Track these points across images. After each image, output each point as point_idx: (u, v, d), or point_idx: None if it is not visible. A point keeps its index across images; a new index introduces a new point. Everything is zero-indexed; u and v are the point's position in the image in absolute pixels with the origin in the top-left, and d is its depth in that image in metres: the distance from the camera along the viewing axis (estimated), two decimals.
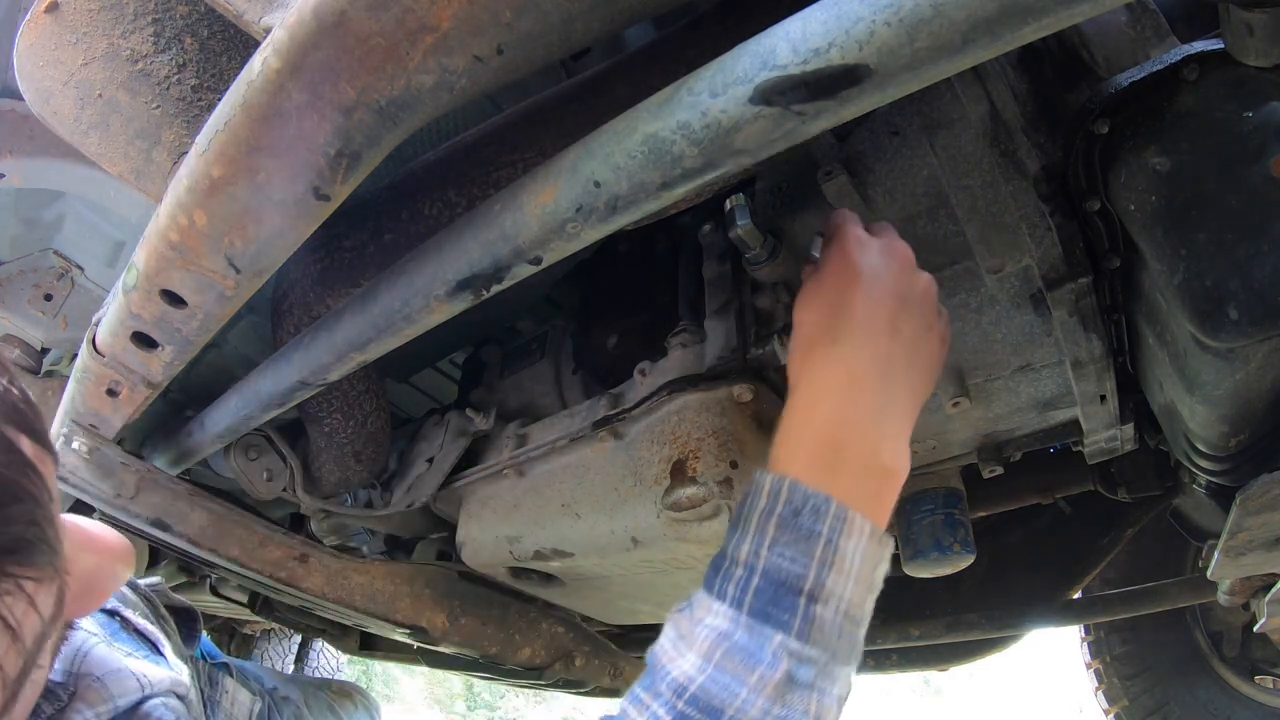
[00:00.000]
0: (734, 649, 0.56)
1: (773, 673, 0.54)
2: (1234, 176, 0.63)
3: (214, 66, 0.75)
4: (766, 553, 0.58)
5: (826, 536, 0.57)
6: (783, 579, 0.57)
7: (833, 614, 0.57)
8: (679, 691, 0.56)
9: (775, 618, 0.56)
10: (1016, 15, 0.37)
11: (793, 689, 0.55)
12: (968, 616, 1.53)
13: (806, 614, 0.56)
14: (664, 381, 0.89)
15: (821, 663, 0.56)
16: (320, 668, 4.15)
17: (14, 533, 0.40)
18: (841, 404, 0.62)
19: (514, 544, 1.05)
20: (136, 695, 0.61)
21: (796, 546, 0.57)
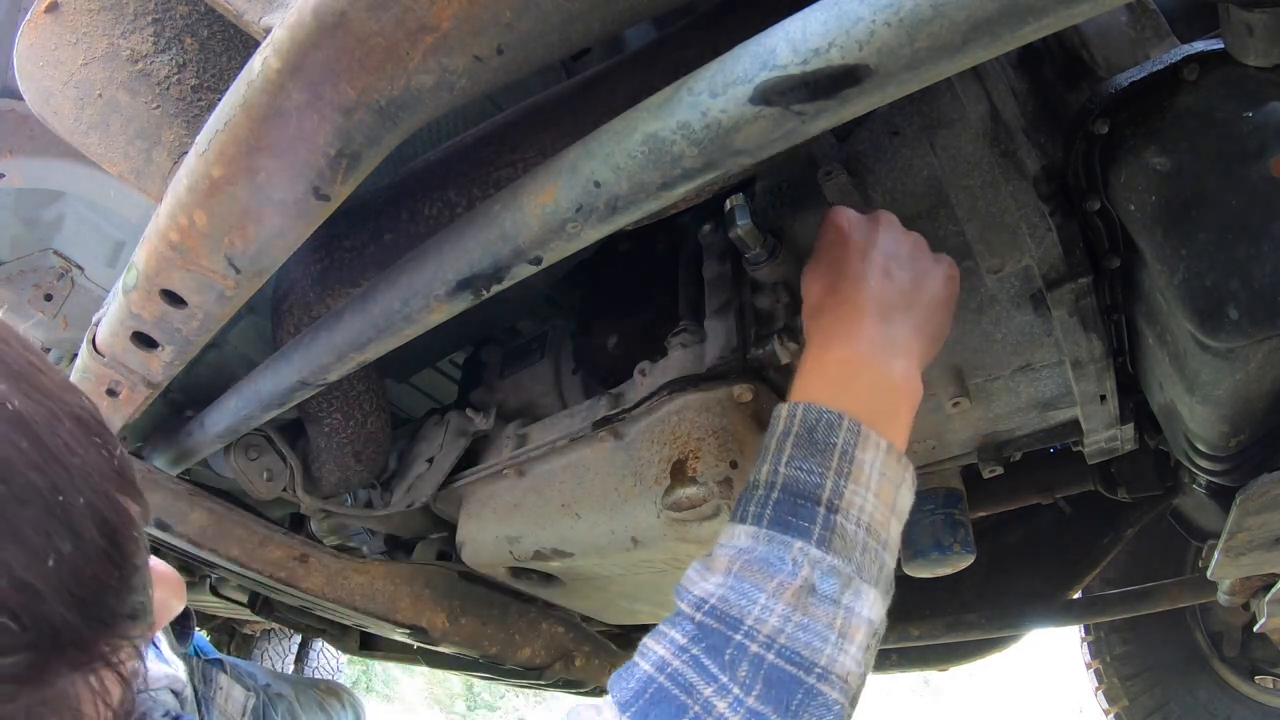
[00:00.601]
0: (754, 560, 0.55)
1: (793, 579, 0.53)
2: (1234, 176, 0.63)
3: (214, 66, 0.75)
4: (784, 469, 0.58)
5: (841, 448, 0.58)
6: (800, 489, 0.57)
7: (854, 526, 0.56)
8: (698, 605, 0.55)
9: (794, 526, 0.56)
10: (1016, 15, 0.37)
11: (815, 599, 0.53)
12: (968, 616, 1.53)
13: (826, 522, 0.56)
14: (664, 381, 0.89)
15: (845, 575, 0.55)
16: (320, 668, 4.15)
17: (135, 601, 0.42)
18: (849, 336, 0.64)
19: (514, 544, 1.05)
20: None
21: (813, 459, 0.58)
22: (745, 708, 0.50)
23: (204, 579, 1.77)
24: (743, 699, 0.50)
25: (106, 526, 0.40)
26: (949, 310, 0.72)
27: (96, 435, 0.42)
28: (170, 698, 0.66)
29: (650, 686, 0.53)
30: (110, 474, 0.42)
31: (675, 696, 0.51)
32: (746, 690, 0.51)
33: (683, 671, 0.52)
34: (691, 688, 0.51)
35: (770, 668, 0.51)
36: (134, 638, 0.42)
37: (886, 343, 0.64)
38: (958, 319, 0.85)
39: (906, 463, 0.61)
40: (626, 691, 0.54)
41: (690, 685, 0.52)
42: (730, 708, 0.50)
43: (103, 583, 0.39)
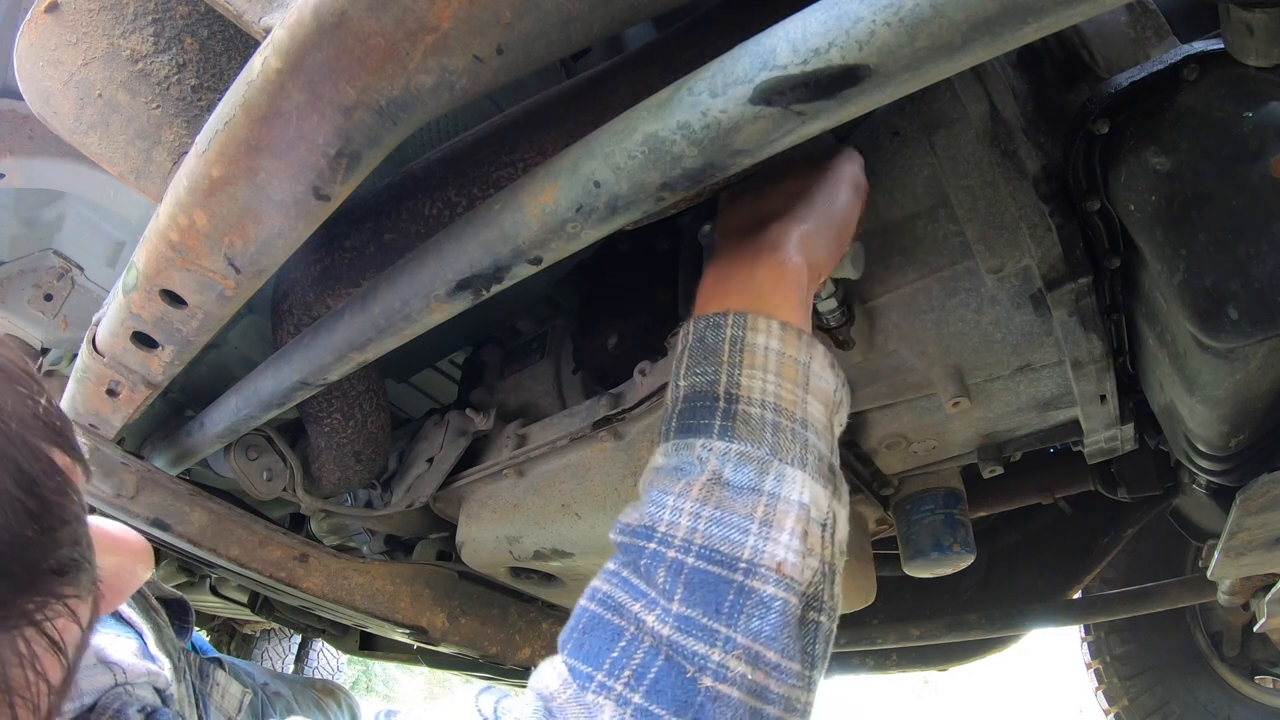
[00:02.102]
0: (663, 472, 0.53)
1: (699, 475, 0.50)
2: (1234, 176, 0.63)
3: (214, 66, 0.74)
4: (683, 382, 0.56)
5: (730, 339, 0.55)
6: (696, 392, 0.55)
7: (758, 409, 0.52)
8: (621, 530, 0.53)
9: (694, 427, 0.53)
10: (1016, 15, 0.37)
11: (727, 490, 0.50)
12: (968, 616, 1.53)
13: (727, 413, 0.52)
14: (664, 381, 0.89)
15: (759, 458, 0.51)
16: (320, 668, 4.15)
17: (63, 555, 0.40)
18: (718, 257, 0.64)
19: (514, 544, 1.05)
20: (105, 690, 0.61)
21: (704, 362, 0.55)
22: (673, 615, 0.47)
23: (204, 579, 1.78)
24: (668, 607, 0.47)
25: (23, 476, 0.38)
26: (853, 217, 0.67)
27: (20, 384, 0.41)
28: (150, 693, 0.65)
29: (584, 616, 0.51)
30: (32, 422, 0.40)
31: (607, 620, 0.49)
32: (669, 597, 0.47)
33: (610, 593, 0.50)
34: (621, 607, 0.49)
35: (691, 571, 0.48)
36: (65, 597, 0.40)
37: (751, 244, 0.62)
38: (958, 319, 0.85)
39: (811, 341, 0.57)
40: (565, 630, 0.51)
41: (619, 605, 0.49)
42: (659, 619, 0.47)
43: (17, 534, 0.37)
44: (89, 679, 0.59)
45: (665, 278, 1.08)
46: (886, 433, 1.01)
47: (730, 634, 0.46)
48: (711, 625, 0.46)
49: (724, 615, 0.46)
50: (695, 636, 0.46)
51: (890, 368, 0.91)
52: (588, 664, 0.48)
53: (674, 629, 0.46)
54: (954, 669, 1.77)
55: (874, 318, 0.87)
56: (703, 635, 0.46)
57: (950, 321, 0.85)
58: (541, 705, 0.48)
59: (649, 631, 0.47)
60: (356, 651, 1.99)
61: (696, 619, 0.46)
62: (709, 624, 0.46)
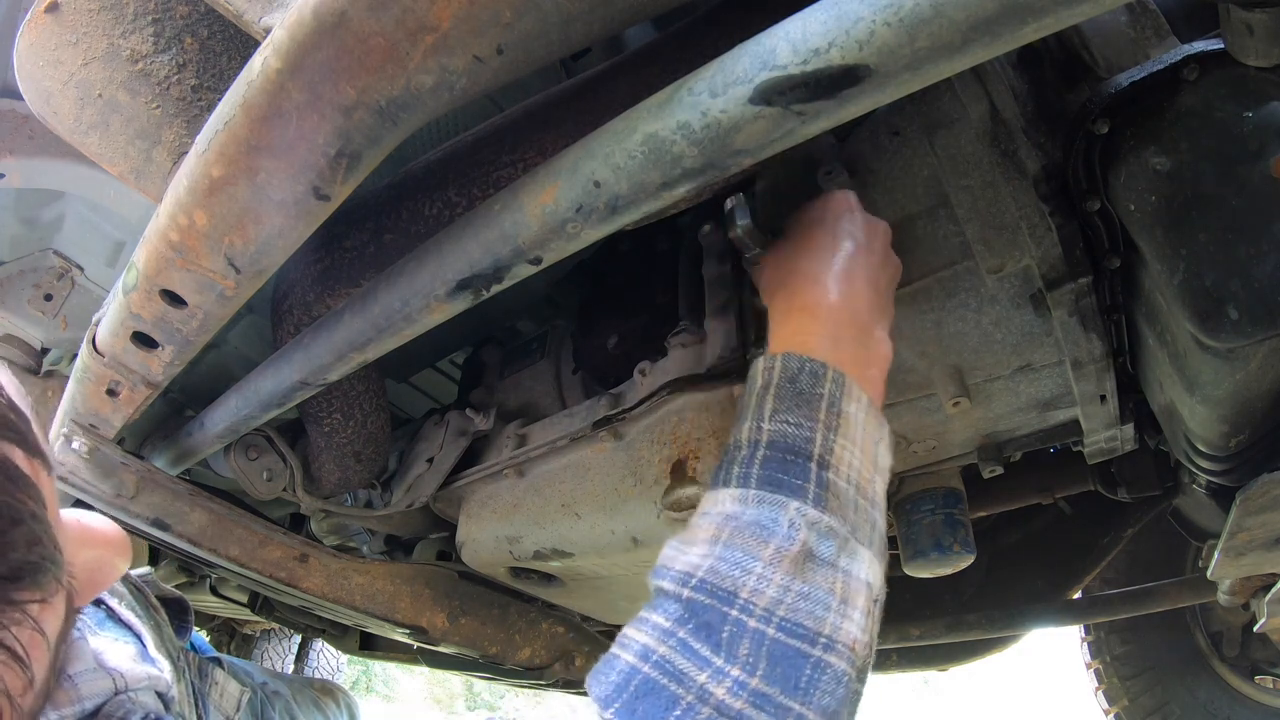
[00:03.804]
0: (744, 525, 0.50)
1: (790, 545, 0.48)
2: (1234, 176, 0.63)
3: (214, 66, 0.75)
4: (769, 424, 0.54)
5: (828, 399, 0.54)
6: (790, 444, 0.52)
7: (845, 483, 0.52)
8: (683, 580, 0.49)
9: (786, 484, 0.50)
10: (1016, 15, 0.37)
11: (814, 564, 0.48)
12: (968, 616, 1.53)
13: (820, 479, 0.51)
14: (664, 381, 0.89)
15: (842, 536, 0.50)
16: (320, 668, 4.15)
17: (15, 559, 0.38)
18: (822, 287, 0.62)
19: (514, 544, 1.05)
20: (108, 695, 0.60)
21: (799, 411, 0.53)
22: (749, 690, 0.45)
23: (204, 579, 1.78)
24: (745, 681, 0.45)
25: None
26: (893, 296, 0.71)
27: None
28: (152, 699, 0.65)
29: (634, 678, 0.47)
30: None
31: (664, 686, 0.46)
32: (750, 671, 0.45)
33: (670, 658, 0.47)
34: (682, 675, 0.46)
35: (773, 643, 0.46)
36: (22, 603, 0.38)
37: (865, 300, 0.62)
38: (958, 319, 0.85)
39: (883, 420, 0.58)
40: (608, 687, 0.48)
41: (680, 673, 0.46)
42: (730, 693, 0.45)
43: None
44: (89, 683, 0.59)
45: (665, 278, 1.08)
46: None
47: (803, 711, 0.45)
48: (786, 702, 0.45)
49: (800, 691, 0.45)
50: (767, 712, 0.45)
51: (890, 368, 0.91)
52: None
53: (747, 703, 0.45)
54: (954, 669, 1.77)
55: None
56: (775, 711, 0.45)
57: (950, 321, 0.85)
58: None
59: (714, 704, 0.45)
60: (356, 651, 1.99)
61: (773, 695, 0.45)
62: (784, 700, 0.45)
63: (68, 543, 0.46)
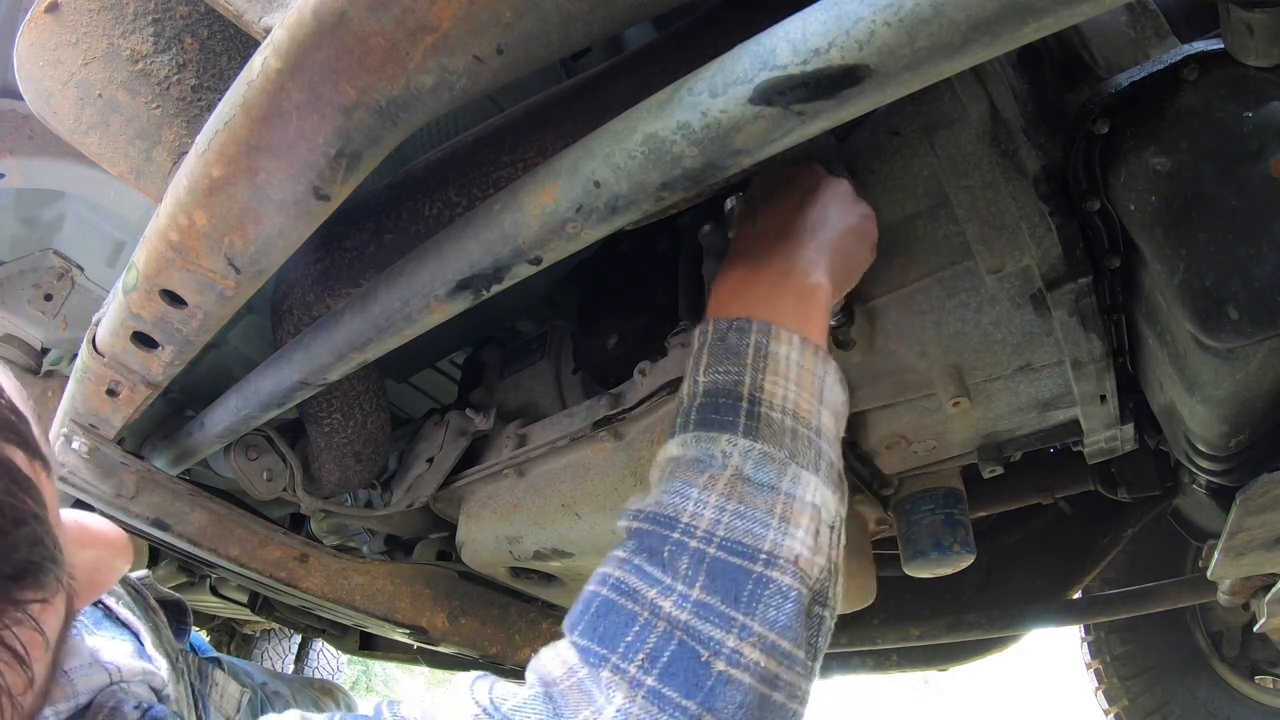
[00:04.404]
0: (683, 462, 0.55)
1: (724, 470, 0.52)
2: (1234, 176, 0.63)
3: (214, 66, 0.75)
4: (703, 377, 0.58)
5: (755, 345, 0.58)
6: (720, 389, 0.57)
7: (779, 414, 0.55)
8: (634, 515, 0.54)
9: (718, 422, 0.55)
10: (1016, 15, 0.37)
11: (750, 487, 0.52)
12: (968, 616, 1.53)
13: (750, 414, 0.55)
14: (664, 381, 0.89)
15: (779, 460, 0.53)
16: (320, 668, 4.15)
17: (18, 559, 0.38)
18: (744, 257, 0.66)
19: (514, 544, 1.05)
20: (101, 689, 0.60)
21: (728, 361, 0.58)
22: (691, 601, 0.48)
23: (204, 579, 1.78)
24: (687, 594, 0.48)
25: None
26: (863, 241, 0.71)
27: None
28: (145, 691, 0.65)
29: (595, 601, 0.51)
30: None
31: (620, 605, 0.50)
32: (689, 584, 0.49)
33: (624, 579, 0.51)
34: (635, 593, 0.50)
35: (713, 560, 0.50)
36: (24, 603, 0.39)
37: (785, 257, 0.65)
38: (958, 319, 0.85)
39: (826, 357, 0.61)
40: (573, 615, 0.52)
41: (634, 591, 0.50)
42: (676, 604, 0.48)
43: None
44: (84, 678, 0.59)
45: (665, 278, 1.08)
46: (886, 433, 1.01)
47: (747, 621, 0.48)
48: (729, 612, 0.48)
49: (742, 603, 0.48)
50: (712, 622, 0.48)
51: (890, 368, 0.91)
52: (602, 646, 0.49)
53: (692, 614, 0.48)
54: (954, 669, 1.77)
55: (874, 318, 0.87)
56: (720, 621, 0.48)
57: (950, 321, 0.85)
58: (541, 691, 0.49)
59: (664, 617, 0.48)
60: (356, 651, 1.99)
61: (715, 605, 0.48)
62: (726, 611, 0.48)
63: (68, 543, 0.46)
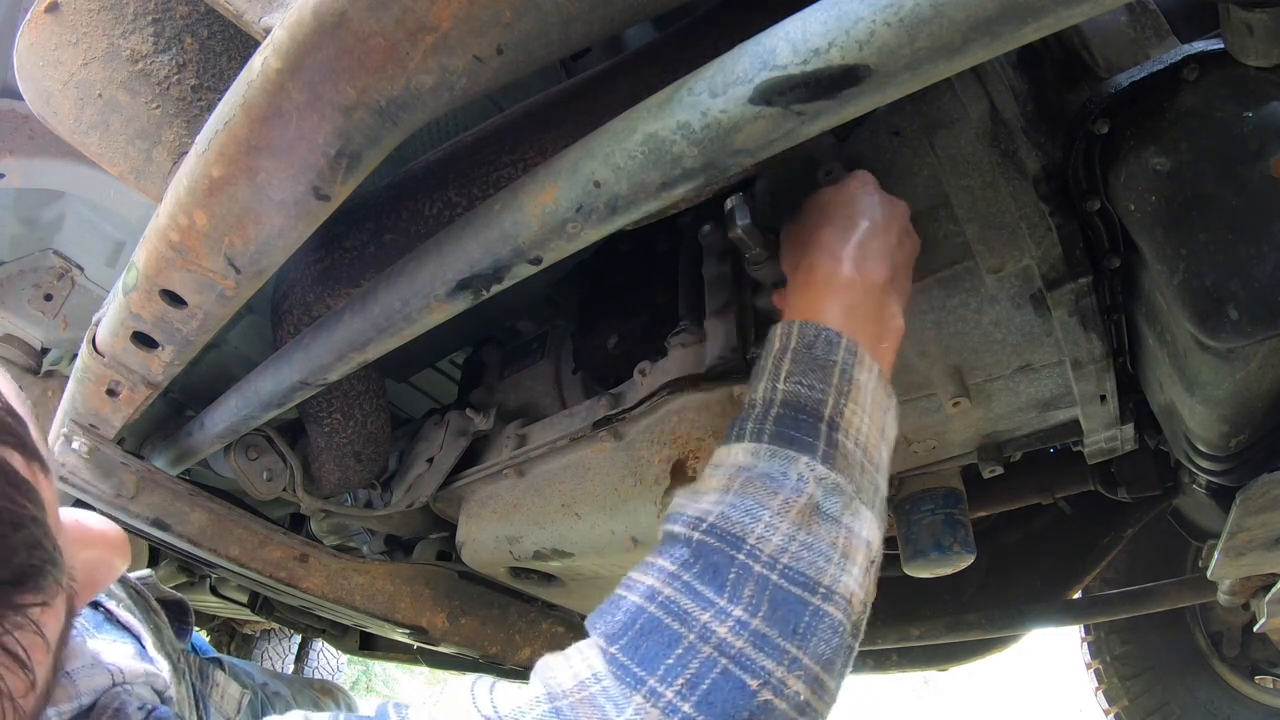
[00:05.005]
0: (755, 476, 0.53)
1: (798, 496, 0.51)
2: (1234, 176, 0.63)
3: (214, 66, 0.75)
4: (783, 384, 0.57)
5: (841, 366, 0.57)
6: (803, 404, 0.55)
7: (853, 445, 0.55)
8: (694, 524, 0.52)
9: (798, 440, 0.53)
10: (1016, 15, 0.37)
11: (819, 517, 0.51)
12: (968, 616, 1.53)
13: (830, 439, 0.54)
14: (664, 381, 0.89)
15: (848, 494, 0.53)
16: (320, 668, 4.15)
17: (17, 563, 0.38)
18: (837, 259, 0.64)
19: (514, 544, 1.05)
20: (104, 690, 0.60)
21: (814, 374, 0.56)
22: (750, 630, 0.47)
23: (204, 579, 1.78)
24: (747, 621, 0.47)
25: None
26: (910, 273, 0.72)
27: None
28: (148, 692, 0.65)
29: (640, 617, 0.49)
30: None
31: (668, 625, 0.48)
32: (752, 612, 0.48)
33: (675, 599, 0.49)
34: (686, 615, 0.48)
35: (775, 588, 0.49)
36: (24, 606, 0.38)
37: (880, 275, 0.64)
38: (958, 319, 0.85)
39: (892, 392, 0.61)
40: (613, 624, 0.50)
41: (684, 612, 0.48)
42: (732, 631, 0.47)
43: None
44: (86, 679, 0.59)
45: (665, 278, 1.08)
46: None
47: (799, 654, 0.48)
48: (784, 644, 0.47)
49: (797, 636, 0.48)
50: (766, 652, 0.47)
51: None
52: (641, 667, 0.48)
53: (747, 642, 0.47)
54: (954, 669, 1.77)
55: None
56: (773, 652, 0.47)
57: (950, 321, 0.85)
58: (549, 706, 0.48)
59: (714, 643, 0.47)
60: (356, 651, 1.99)
61: (772, 636, 0.47)
62: (782, 643, 0.47)
63: (67, 543, 0.46)
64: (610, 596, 0.54)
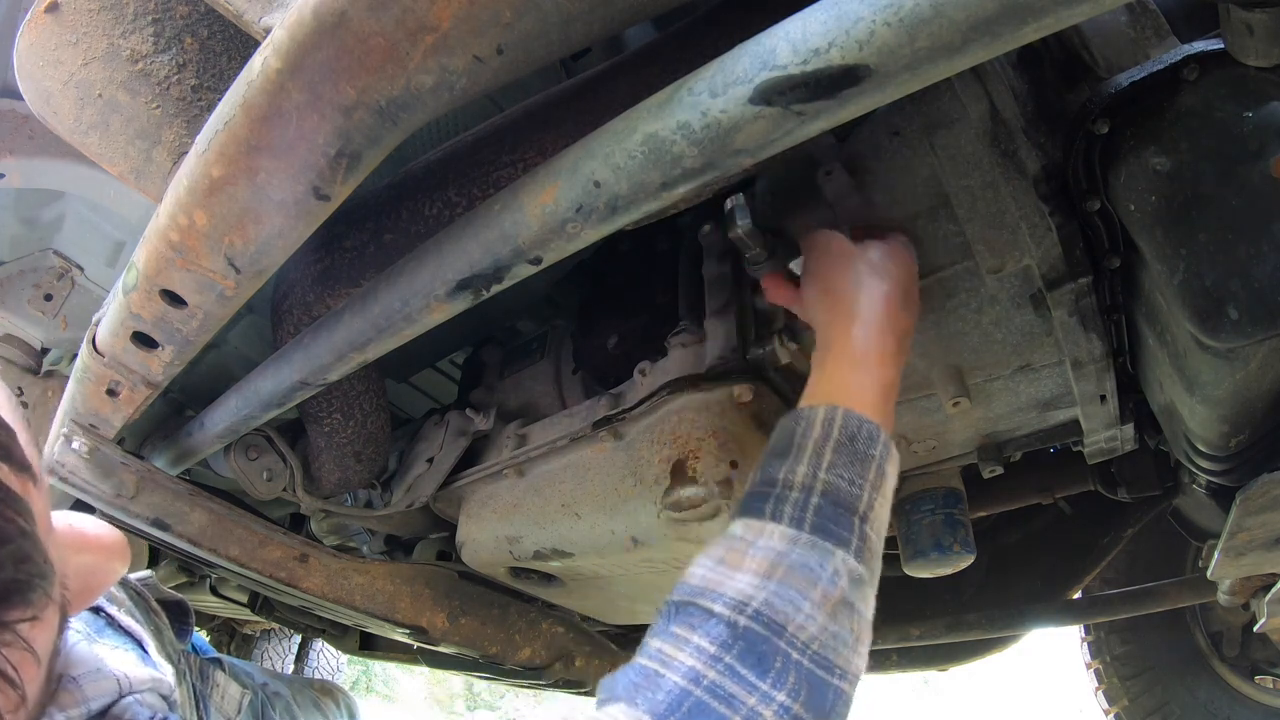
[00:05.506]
0: (795, 565, 0.56)
1: (834, 589, 0.55)
2: (1234, 176, 0.63)
3: (214, 66, 0.75)
4: (825, 474, 0.60)
5: (878, 462, 0.61)
6: (842, 499, 0.59)
7: (876, 536, 0.60)
8: (738, 607, 0.55)
9: (836, 535, 0.57)
10: (1016, 15, 0.37)
11: (845, 608, 0.56)
12: (968, 616, 1.53)
13: (861, 533, 0.58)
14: (664, 381, 0.89)
15: (866, 584, 0.58)
16: (320, 668, 4.15)
17: (4, 579, 0.37)
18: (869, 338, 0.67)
19: (514, 544, 1.05)
20: (113, 696, 0.60)
21: (853, 468, 0.60)
22: (791, 714, 0.51)
23: (204, 579, 1.78)
24: (790, 706, 0.51)
25: None
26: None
27: None
28: (156, 699, 0.65)
29: (686, 700, 0.52)
30: None
31: (714, 708, 0.51)
32: (794, 697, 0.52)
33: (720, 683, 0.52)
34: (732, 699, 0.51)
35: (808, 673, 0.53)
36: (12, 623, 0.38)
37: (900, 355, 0.68)
38: (958, 319, 0.85)
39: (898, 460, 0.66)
40: (657, 704, 0.52)
41: (730, 696, 0.51)
42: (776, 715, 0.51)
43: None
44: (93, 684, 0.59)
45: (665, 278, 1.08)
46: None
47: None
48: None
49: (824, 714, 0.53)
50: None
51: None
52: None
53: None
54: (954, 669, 1.77)
55: None
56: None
57: (950, 321, 0.85)
58: None
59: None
60: (356, 651, 1.99)
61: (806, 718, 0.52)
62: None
63: (61, 549, 0.45)
64: (641, 668, 0.55)
